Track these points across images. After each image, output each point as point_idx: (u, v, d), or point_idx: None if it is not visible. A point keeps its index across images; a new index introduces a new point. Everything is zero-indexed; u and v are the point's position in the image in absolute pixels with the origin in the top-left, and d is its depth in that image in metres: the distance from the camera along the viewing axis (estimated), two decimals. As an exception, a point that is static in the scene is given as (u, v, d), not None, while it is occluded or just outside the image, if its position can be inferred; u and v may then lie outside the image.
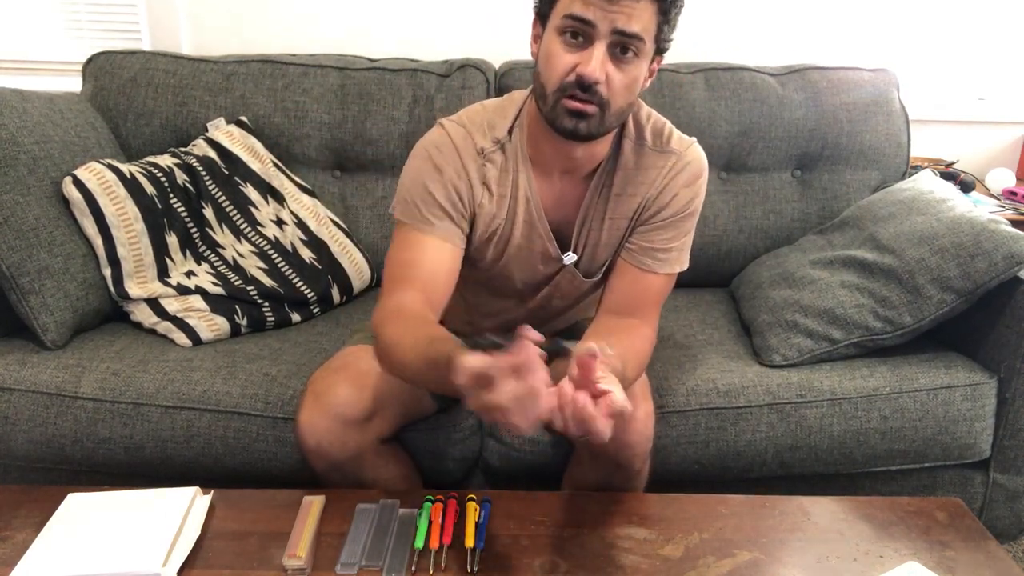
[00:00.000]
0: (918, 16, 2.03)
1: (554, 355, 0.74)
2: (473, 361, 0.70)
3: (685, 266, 1.15)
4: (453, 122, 1.10)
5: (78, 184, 1.39)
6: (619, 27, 0.91)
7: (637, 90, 1.00)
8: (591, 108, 0.96)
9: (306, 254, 1.61)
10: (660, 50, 1.00)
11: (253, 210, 1.61)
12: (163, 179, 1.51)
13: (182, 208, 1.53)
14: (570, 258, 1.15)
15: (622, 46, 0.93)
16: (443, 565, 0.93)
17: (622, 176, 1.10)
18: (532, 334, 0.72)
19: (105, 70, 1.71)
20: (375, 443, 1.13)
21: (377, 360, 1.02)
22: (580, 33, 0.93)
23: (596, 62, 0.92)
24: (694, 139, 1.12)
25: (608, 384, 0.78)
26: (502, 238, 1.12)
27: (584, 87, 0.94)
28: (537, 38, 1.02)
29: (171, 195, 1.52)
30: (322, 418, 1.06)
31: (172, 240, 1.50)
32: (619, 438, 1.05)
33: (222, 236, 1.58)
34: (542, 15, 1.00)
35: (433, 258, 1.05)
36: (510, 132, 1.09)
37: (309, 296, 1.57)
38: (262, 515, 1.02)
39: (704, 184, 1.12)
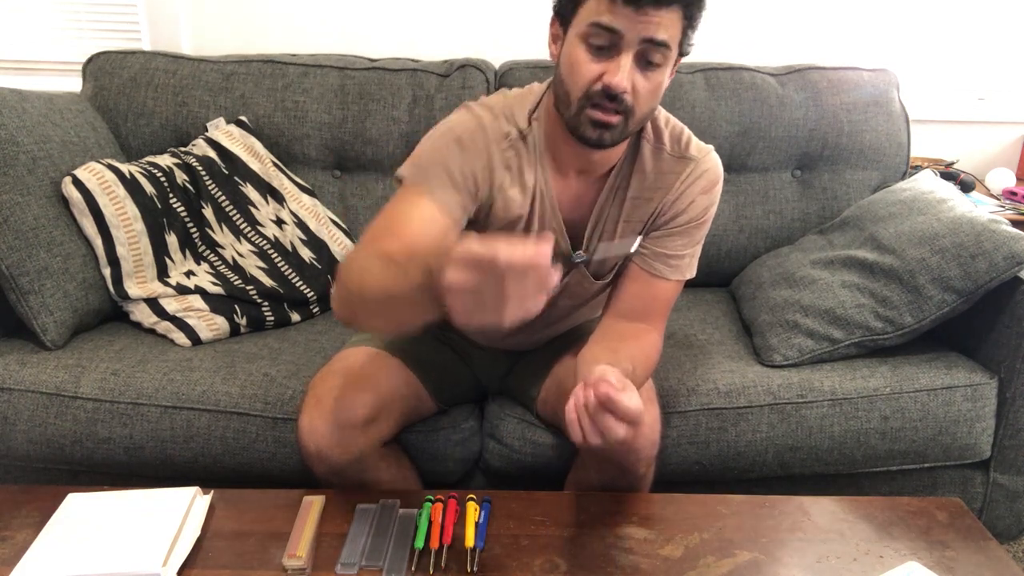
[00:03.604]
0: (918, 16, 2.03)
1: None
2: (478, 244, 0.66)
3: (694, 274, 1.15)
4: (479, 105, 1.08)
5: (78, 184, 1.39)
6: (648, 36, 0.90)
7: (660, 95, 0.99)
8: (615, 119, 0.95)
9: (306, 254, 1.61)
10: (682, 53, 0.98)
11: (253, 210, 1.61)
12: (163, 179, 1.51)
13: (182, 208, 1.53)
14: (579, 258, 1.13)
15: (648, 55, 0.92)
16: (443, 565, 0.93)
17: (639, 180, 1.09)
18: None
19: (105, 70, 1.71)
20: (376, 446, 1.12)
21: (335, 298, 0.94)
22: (607, 41, 0.91)
23: (624, 72, 0.91)
24: (711, 147, 1.11)
25: (623, 391, 0.81)
26: (520, 230, 1.10)
27: (611, 97, 0.93)
28: (556, 38, 1.00)
29: (171, 195, 1.52)
30: (323, 422, 1.05)
31: (172, 240, 1.50)
32: (625, 442, 1.05)
33: (222, 236, 1.58)
34: (563, 17, 0.97)
35: (424, 219, 0.98)
36: (530, 123, 1.07)
37: (309, 296, 1.57)
38: (262, 515, 1.02)
39: (719, 192, 1.11)
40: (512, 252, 0.65)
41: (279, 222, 1.62)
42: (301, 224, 1.63)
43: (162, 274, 1.48)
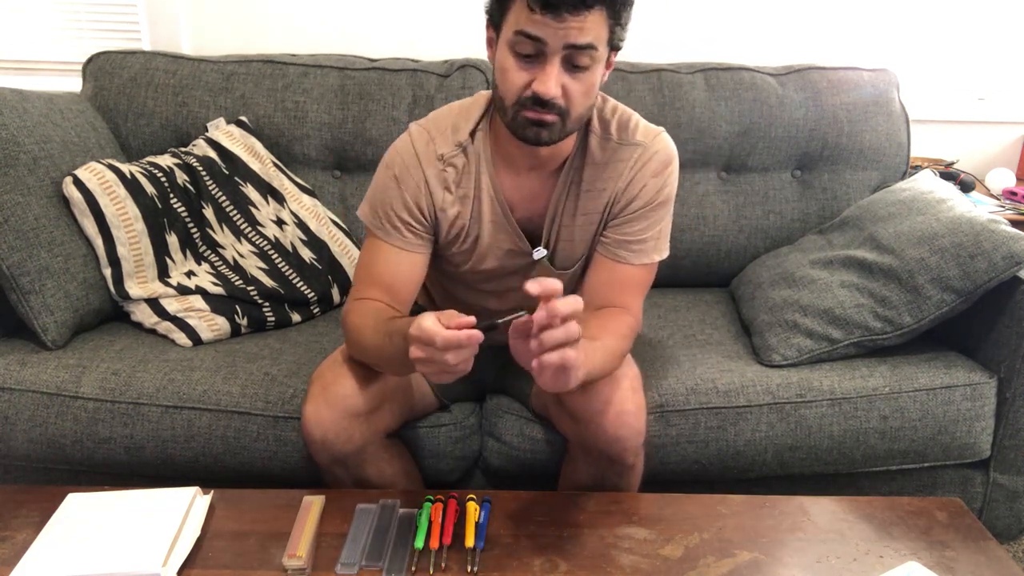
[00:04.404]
0: (918, 16, 2.03)
1: (489, 330, 0.86)
2: (428, 323, 0.84)
3: (664, 255, 1.15)
4: (420, 127, 1.12)
5: (78, 184, 1.39)
6: (570, 42, 0.92)
7: (596, 93, 1.01)
8: (551, 118, 0.97)
9: (306, 254, 1.61)
10: (614, 48, 1.00)
11: (253, 210, 1.61)
12: (163, 179, 1.51)
13: (182, 208, 1.53)
14: (539, 253, 1.16)
15: (575, 59, 0.94)
16: (443, 565, 0.93)
17: (590, 172, 1.11)
18: (467, 319, 0.85)
19: (105, 70, 1.72)
20: (379, 437, 1.15)
21: (346, 345, 1.12)
22: (532, 49, 0.94)
23: (551, 80, 0.94)
24: (662, 129, 1.13)
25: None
26: (468, 237, 1.14)
27: (541, 103, 0.95)
28: (491, 43, 1.03)
29: (171, 195, 1.52)
30: (329, 410, 1.06)
31: (172, 240, 1.50)
32: (610, 432, 1.06)
33: (222, 236, 1.58)
34: (493, 22, 1.00)
35: (393, 263, 1.11)
36: (473, 134, 1.11)
37: (309, 296, 1.57)
38: (262, 515, 1.02)
39: (674, 172, 1.12)
40: (447, 334, 0.83)
41: (279, 222, 1.62)
42: (301, 224, 1.63)
43: (163, 274, 1.48)
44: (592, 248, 1.16)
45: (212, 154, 1.61)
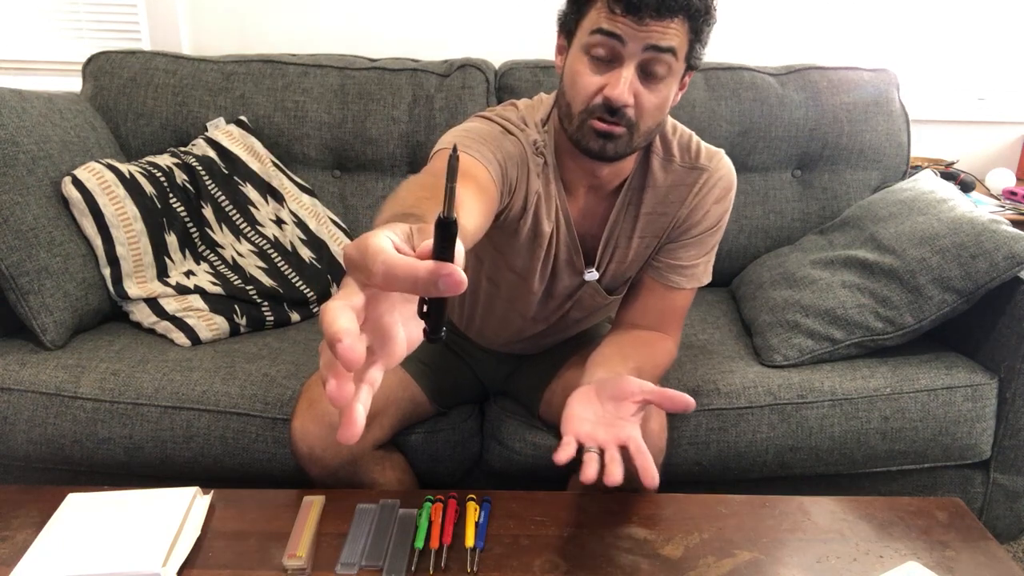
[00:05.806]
0: (918, 16, 2.03)
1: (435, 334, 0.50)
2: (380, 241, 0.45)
3: (710, 278, 1.13)
4: (497, 115, 1.02)
5: (77, 184, 1.39)
6: (651, 42, 0.87)
7: (667, 109, 0.96)
8: (619, 129, 0.92)
9: (306, 253, 1.61)
10: (690, 67, 0.95)
11: (252, 210, 1.61)
12: (162, 179, 1.51)
13: (181, 208, 1.53)
14: (592, 275, 1.11)
15: (652, 66, 0.89)
16: (443, 565, 0.93)
17: (652, 195, 1.06)
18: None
19: (105, 70, 1.71)
20: (370, 449, 1.13)
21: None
22: (608, 52, 0.89)
23: (624, 84, 0.88)
24: (722, 151, 1.08)
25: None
26: (530, 238, 1.07)
27: (612, 111, 0.90)
28: (562, 50, 0.98)
29: (170, 195, 1.52)
30: (315, 425, 1.05)
31: (171, 240, 1.50)
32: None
33: (221, 236, 1.58)
34: (567, 29, 0.96)
35: (468, 163, 0.87)
36: (542, 136, 1.04)
37: (309, 295, 1.57)
38: (262, 515, 1.02)
39: (733, 197, 1.09)
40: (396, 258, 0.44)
41: (279, 222, 1.62)
42: (301, 224, 1.63)
43: (162, 274, 1.48)
44: (639, 271, 1.13)
45: (211, 154, 1.61)
